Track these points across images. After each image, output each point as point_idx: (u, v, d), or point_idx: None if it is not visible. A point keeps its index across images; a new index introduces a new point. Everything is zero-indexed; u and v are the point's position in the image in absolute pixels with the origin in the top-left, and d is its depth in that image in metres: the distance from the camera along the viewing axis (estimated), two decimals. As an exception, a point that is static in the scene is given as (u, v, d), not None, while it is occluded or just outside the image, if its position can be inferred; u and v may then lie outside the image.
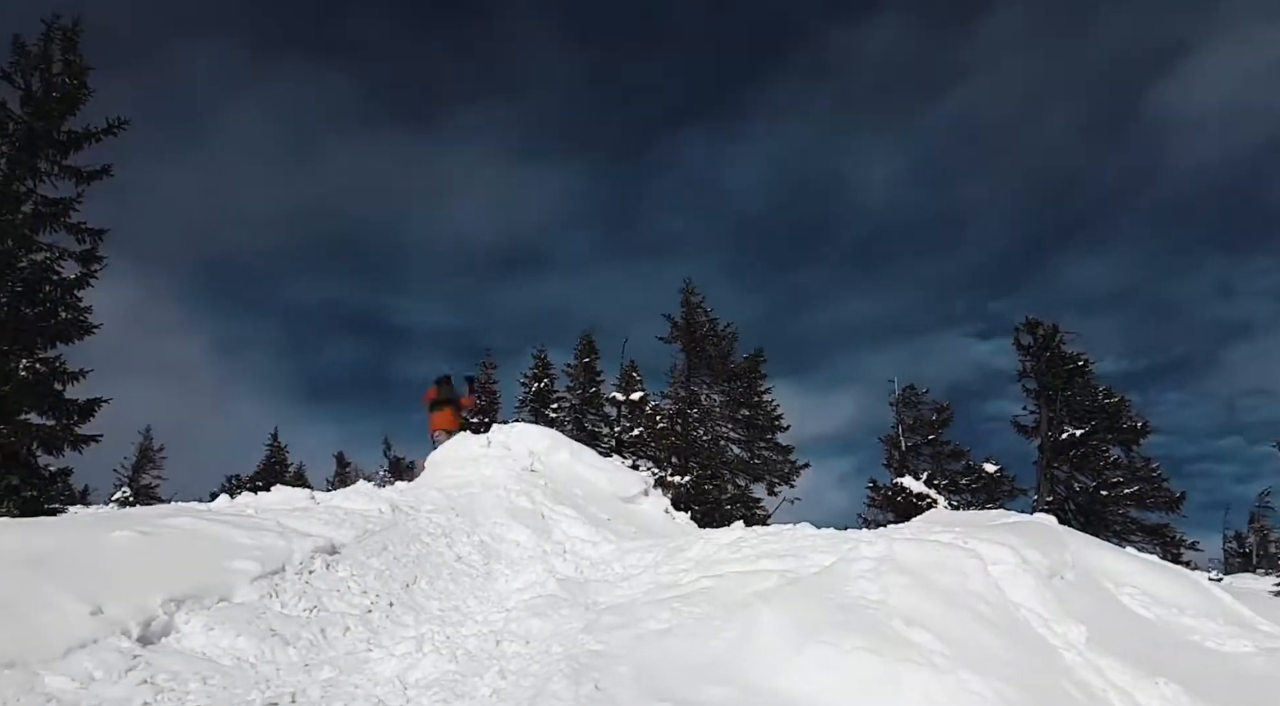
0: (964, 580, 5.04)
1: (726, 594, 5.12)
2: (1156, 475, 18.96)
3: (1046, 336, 21.19)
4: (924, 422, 21.83)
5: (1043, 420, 20.75)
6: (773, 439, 16.05)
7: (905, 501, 17.69)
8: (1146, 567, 9.83)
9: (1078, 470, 19.87)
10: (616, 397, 15.12)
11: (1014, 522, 8.86)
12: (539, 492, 8.84)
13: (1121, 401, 19.92)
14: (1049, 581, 6.28)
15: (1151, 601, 8.30)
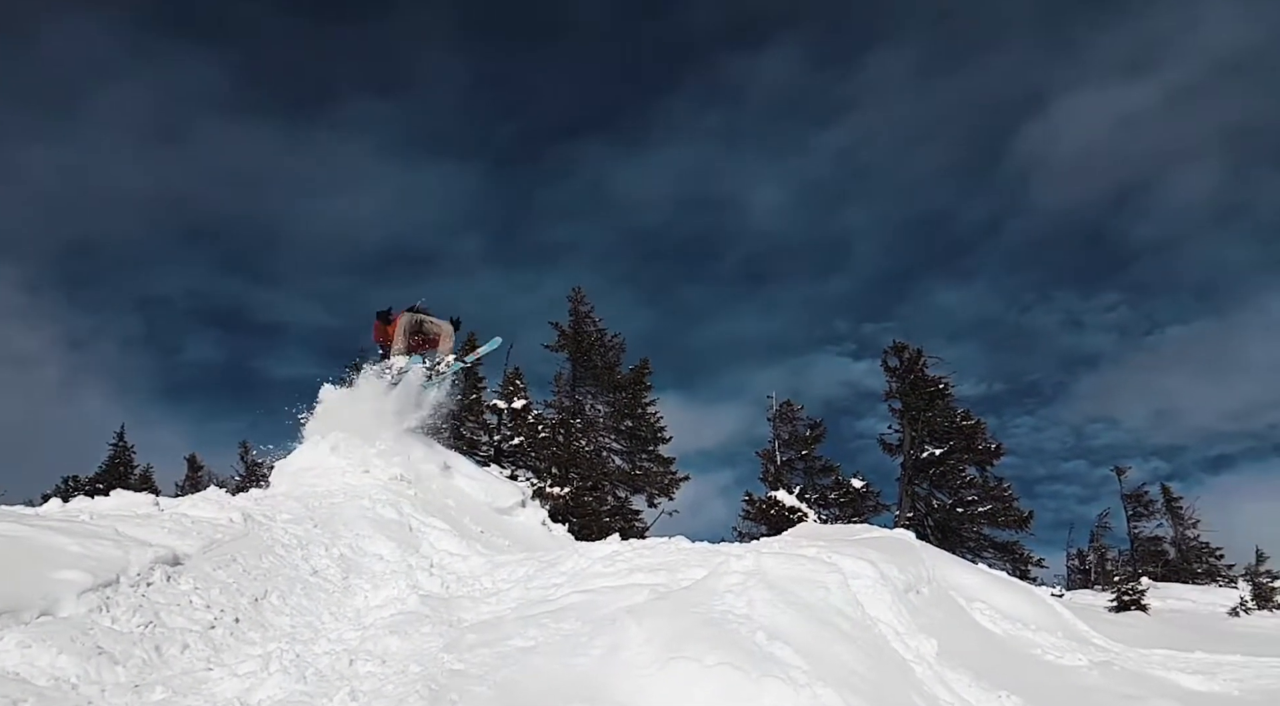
0: (826, 594, 5.18)
1: (597, 609, 5.06)
2: (1008, 494, 20.29)
3: (911, 359, 22.37)
4: (799, 438, 22.54)
5: (906, 439, 21.86)
6: (655, 451, 16.16)
7: (778, 515, 18.18)
8: (996, 583, 10.47)
9: (936, 488, 21.02)
10: (498, 405, 14.84)
11: (876, 538, 9.24)
12: (408, 503, 8.52)
13: (978, 424, 21.23)
14: (905, 596, 6.56)
15: (999, 616, 8.82)
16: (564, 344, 17.91)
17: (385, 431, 10.54)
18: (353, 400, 11.19)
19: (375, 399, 11.12)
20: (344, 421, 10.55)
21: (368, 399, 11.15)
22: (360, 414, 10.73)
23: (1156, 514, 31.88)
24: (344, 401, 11.26)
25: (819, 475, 22.18)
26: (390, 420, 10.85)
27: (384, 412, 10.92)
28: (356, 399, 11.19)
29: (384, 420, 10.78)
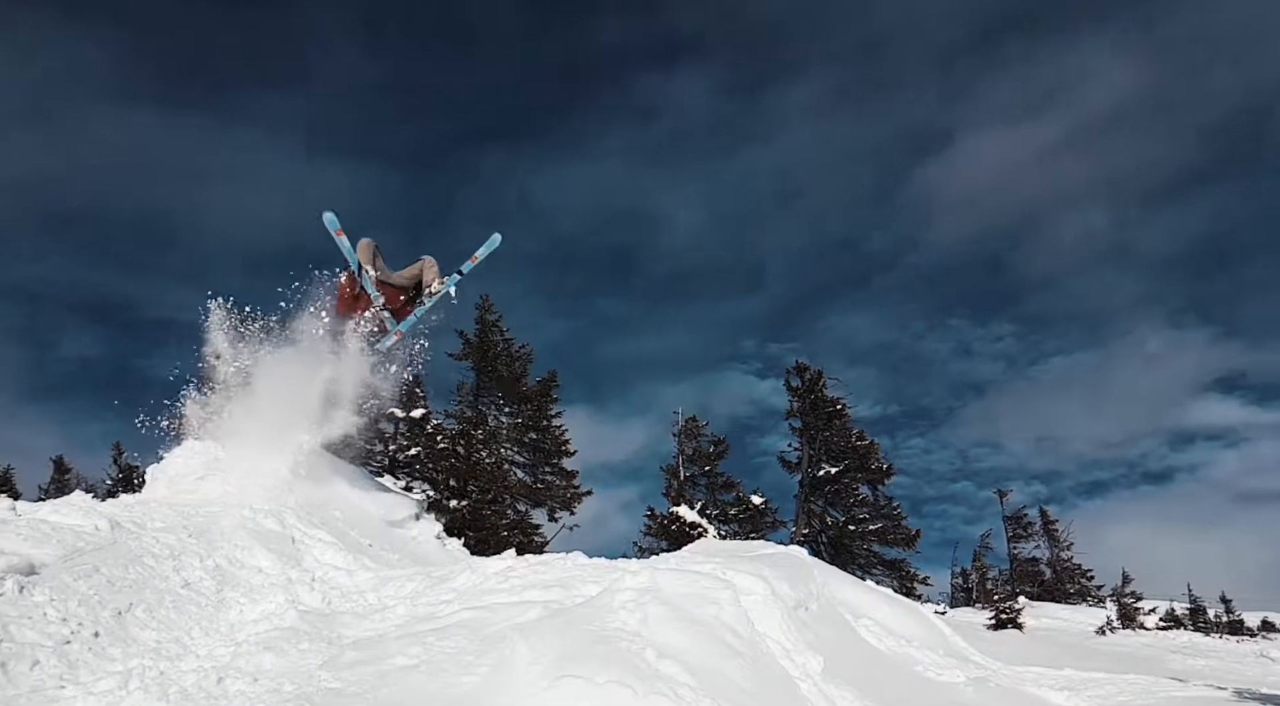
0: (718, 611, 5.24)
1: (486, 626, 4.97)
2: (897, 513, 21.12)
3: (812, 380, 23.08)
4: (703, 454, 22.87)
5: (804, 457, 22.49)
6: (558, 464, 16.04)
7: (679, 530, 18.35)
8: (883, 600, 10.82)
9: (831, 505, 21.68)
10: (395, 413, 14.40)
11: (770, 554, 9.42)
12: (292, 514, 8.14)
13: (871, 444, 22.05)
14: (795, 612, 6.71)
15: (885, 633, 9.12)
16: (468, 353, 17.55)
17: (291, 431, 9.93)
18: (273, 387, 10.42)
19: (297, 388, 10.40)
20: (252, 413, 9.95)
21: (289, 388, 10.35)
22: (271, 408, 10.09)
23: (1035, 535, 33.86)
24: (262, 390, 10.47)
25: (721, 491, 22.54)
26: (306, 415, 10.22)
27: (304, 406, 10.27)
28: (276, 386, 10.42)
29: (299, 414, 10.15)
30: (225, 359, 10.59)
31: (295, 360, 10.38)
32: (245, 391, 10.37)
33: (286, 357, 10.41)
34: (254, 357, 10.51)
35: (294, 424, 10.12)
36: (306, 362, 10.37)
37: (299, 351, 10.42)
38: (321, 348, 10.41)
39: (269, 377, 10.36)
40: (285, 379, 10.30)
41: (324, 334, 10.25)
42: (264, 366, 10.41)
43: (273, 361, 10.43)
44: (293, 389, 10.26)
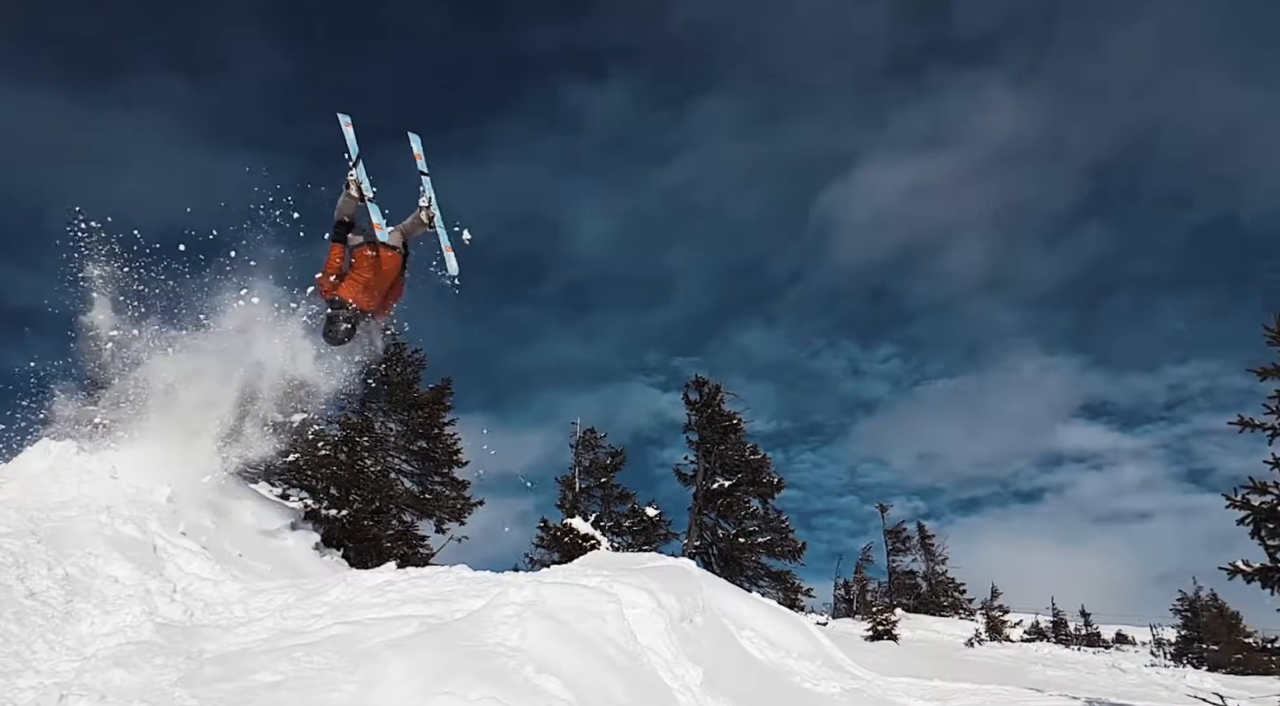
0: (601, 625, 5.27)
1: (359, 642, 4.83)
2: (785, 526, 21.74)
3: (710, 394, 23.52)
4: (599, 465, 22.92)
5: (700, 470, 22.86)
6: (449, 473, 15.71)
7: (572, 542, 18.29)
8: (766, 612, 11.12)
9: (723, 518, 22.10)
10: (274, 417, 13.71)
11: (659, 566, 9.54)
12: (155, 520, 7.69)
13: (764, 458, 22.65)
14: (679, 625, 6.82)
15: (766, 644, 9.37)
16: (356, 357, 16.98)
17: (173, 430, 9.28)
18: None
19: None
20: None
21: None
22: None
23: (913, 549, 35.52)
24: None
25: (616, 503, 22.63)
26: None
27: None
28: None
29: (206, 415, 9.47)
30: (103, 335, 9.73)
31: (196, 349, 9.70)
32: (126, 383, 9.63)
33: (186, 345, 9.72)
34: (142, 342, 9.71)
35: (180, 423, 9.52)
36: (211, 355, 9.70)
37: (203, 340, 9.73)
38: (231, 340, 9.66)
39: (163, 369, 9.66)
40: (182, 372, 9.63)
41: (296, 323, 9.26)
42: (155, 356, 9.69)
43: (165, 348, 9.73)
44: (192, 384, 9.61)
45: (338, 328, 7.29)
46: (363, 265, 7.47)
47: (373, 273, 7.47)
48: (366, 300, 7.44)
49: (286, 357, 9.88)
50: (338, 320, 7.29)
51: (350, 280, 7.41)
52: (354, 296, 7.33)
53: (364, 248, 7.48)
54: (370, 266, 7.46)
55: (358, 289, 7.37)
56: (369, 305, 7.48)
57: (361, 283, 7.42)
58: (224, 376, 9.77)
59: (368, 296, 7.45)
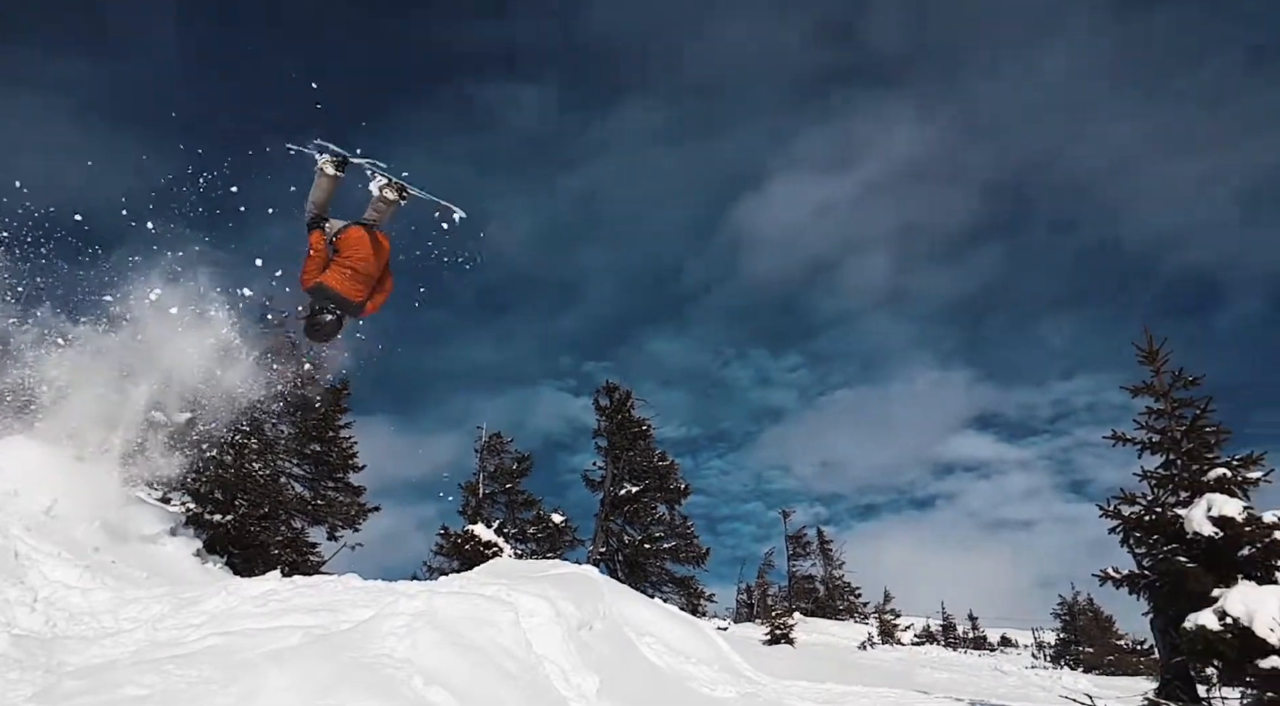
0: (496, 634, 5.20)
1: (236, 653, 4.60)
2: (690, 532, 21.99)
3: (621, 400, 23.60)
4: (505, 471, 22.63)
5: (608, 476, 22.89)
6: (344, 478, 15.19)
7: (473, 550, 17.99)
8: (668, 618, 11.22)
9: (630, 524, 22.19)
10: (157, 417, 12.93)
11: (561, 574, 9.49)
12: (17, 524, 7.17)
13: (672, 465, 22.87)
14: (578, 633, 6.80)
15: (666, 650, 9.46)
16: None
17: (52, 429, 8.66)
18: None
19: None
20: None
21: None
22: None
23: (812, 554, 36.55)
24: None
25: (521, 509, 22.40)
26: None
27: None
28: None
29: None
30: None
31: (88, 343, 9.11)
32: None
33: (78, 338, 9.12)
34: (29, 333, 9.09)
35: (61, 422, 8.94)
36: (103, 351, 9.12)
37: (97, 333, 9.14)
38: (127, 335, 9.09)
39: (53, 364, 9.06)
40: (72, 367, 9.04)
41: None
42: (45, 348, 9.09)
43: (55, 341, 9.11)
44: (80, 380, 9.03)
45: (321, 320, 6.58)
46: (354, 247, 6.67)
47: (369, 253, 6.69)
48: (354, 289, 6.64)
49: (187, 355, 9.43)
50: (321, 312, 6.59)
51: (336, 267, 6.62)
52: (340, 285, 6.57)
53: (353, 228, 6.76)
54: (362, 247, 6.68)
55: (344, 277, 6.59)
56: (356, 295, 6.66)
57: (350, 269, 6.61)
58: (115, 372, 9.26)
59: (355, 285, 6.64)
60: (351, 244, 6.69)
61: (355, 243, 6.70)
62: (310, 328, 6.68)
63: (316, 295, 6.59)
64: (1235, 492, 9.24)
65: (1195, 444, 9.73)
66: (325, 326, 6.60)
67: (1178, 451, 9.82)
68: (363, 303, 6.76)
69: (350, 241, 6.70)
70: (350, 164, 6.86)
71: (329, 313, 6.59)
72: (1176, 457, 9.85)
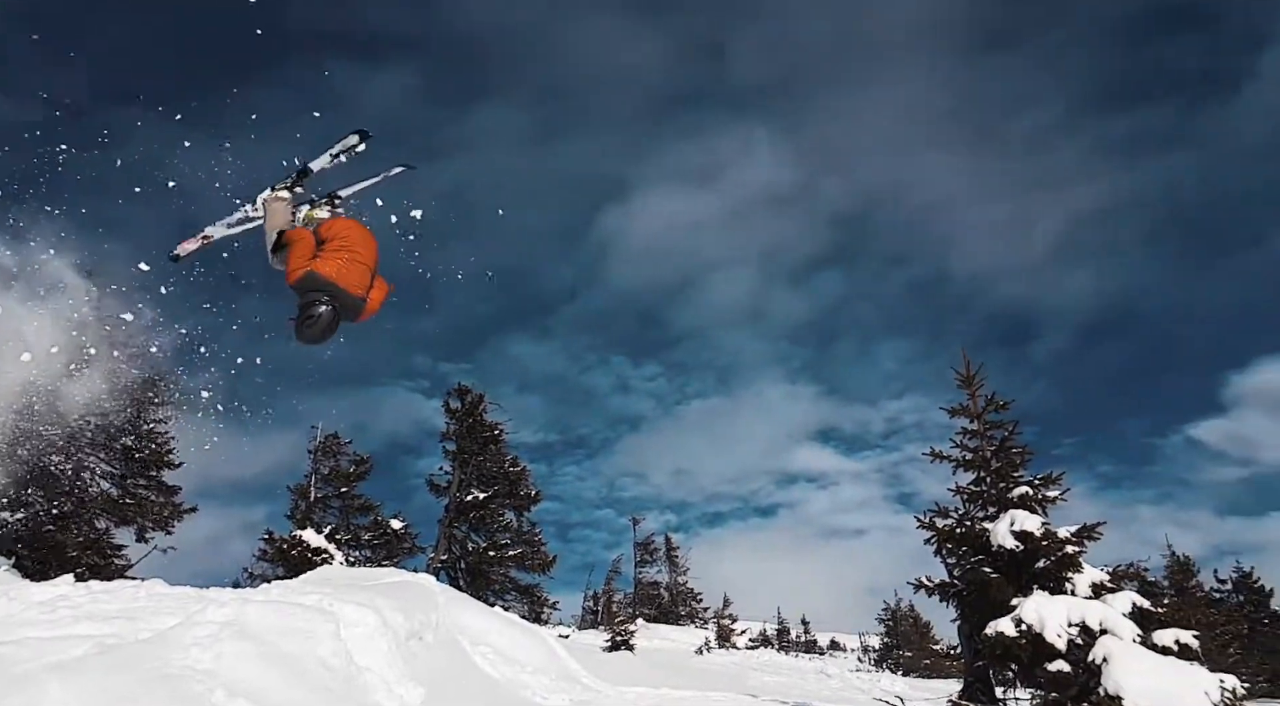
0: (313, 645, 5.01)
1: (14, 665, 4.20)
2: (538, 539, 21.90)
3: (473, 403, 23.18)
4: (340, 474, 21.71)
5: (455, 481, 22.42)
6: (156, 476, 14.07)
7: (300, 556, 17.12)
8: (505, 626, 11.15)
9: (475, 530, 21.83)
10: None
11: (393, 583, 9.24)
12: None
13: (523, 470, 22.70)
14: (406, 643, 6.65)
15: (501, 659, 9.40)
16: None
17: None
18: None
19: None
20: None
21: None
22: None
23: (659, 561, 37.24)
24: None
25: (357, 514, 21.58)
26: None
27: None
28: None
29: None
30: None
31: None
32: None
33: None
34: None
35: None
36: None
37: None
38: None
39: None
40: None
41: None
42: None
43: None
44: None
45: (316, 312, 5.24)
46: (346, 231, 5.61)
47: (366, 236, 5.66)
48: (354, 280, 5.40)
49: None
50: (315, 303, 5.27)
51: (329, 254, 5.43)
52: (337, 273, 5.32)
53: (336, 219, 5.79)
54: (356, 230, 5.66)
55: (341, 262, 5.39)
56: (357, 288, 5.41)
57: (347, 253, 5.45)
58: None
59: (355, 274, 5.42)
60: (341, 228, 5.65)
61: (346, 227, 5.67)
62: (303, 324, 5.29)
63: (305, 290, 5.31)
64: (1035, 509, 10.19)
65: (1003, 463, 10.66)
66: (320, 319, 5.23)
67: (987, 469, 10.72)
68: (363, 298, 5.51)
69: (339, 227, 5.67)
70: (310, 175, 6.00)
71: (325, 303, 5.26)
72: (986, 475, 10.75)
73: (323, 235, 5.61)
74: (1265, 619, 26.05)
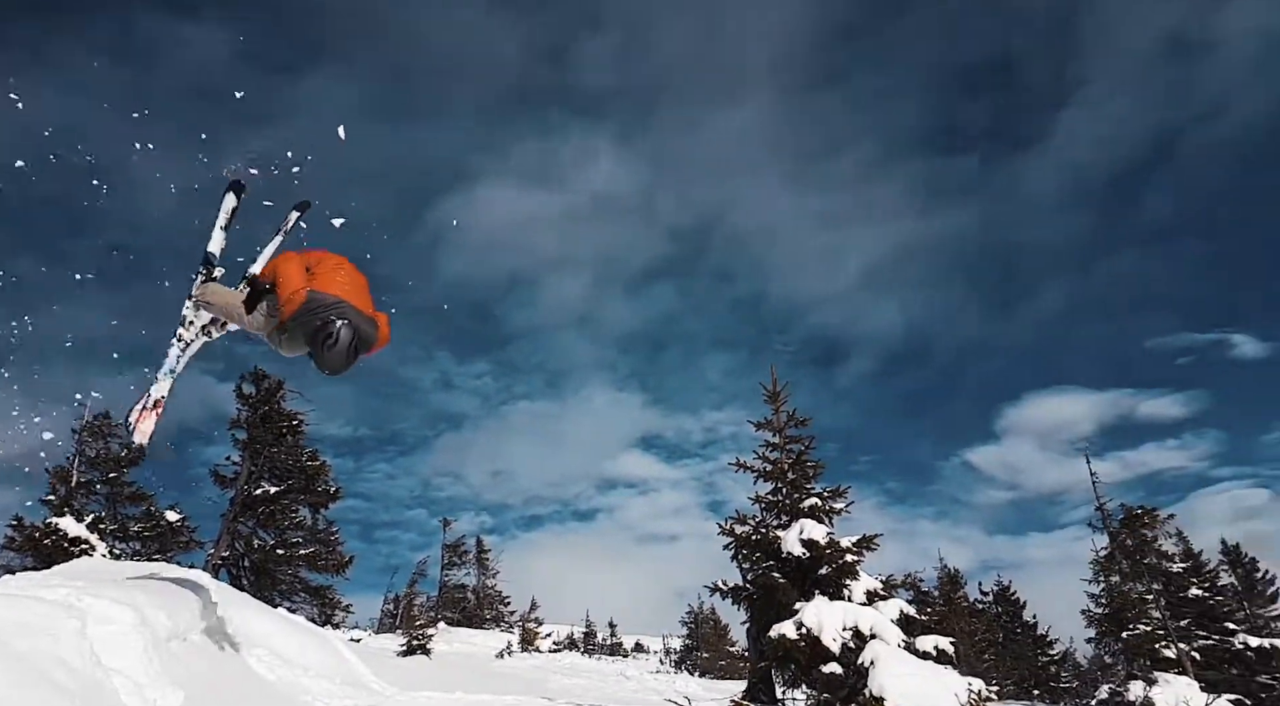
0: (51, 644, 4.57)
1: None
2: (334, 539, 20.92)
3: (270, 390, 21.81)
4: (111, 458, 19.76)
5: (244, 473, 20.99)
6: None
7: (54, 545, 15.45)
8: (288, 628, 10.63)
9: (263, 527, 20.53)
10: None
11: (162, 579, 8.58)
12: None
13: (323, 465, 21.61)
14: (167, 644, 6.20)
15: (279, 662, 8.96)
16: None
17: None
18: None
19: None
20: None
21: None
22: None
23: (468, 563, 36.67)
24: None
25: (128, 503, 19.76)
26: None
27: None
28: None
29: None
30: None
31: None
32: None
33: None
34: None
35: None
36: None
37: None
38: None
39: None
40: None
41: None
42: None
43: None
44: None
45: (334, 329, 4.56)
46: (330, 256, 5.05)
47: (349, 264, 5.06)
48: (362, 297, 4.87)
49: None
50: (329, 322, 4.58)
51: (323, 275, 4.82)
52: (342, 290, 4.76)
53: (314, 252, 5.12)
54: (337, 256, 5.07)
55: (343, 279, 4.84)
56: (367, 306, 4.85)
57: (343, 271, 4.92)
58: None
59: (359, 290, 4.90)
60: (323, 253, 5.09)
61: (325, 253, 5.11)
62: (324, 346, 4.59)
63: (310, 314, 4.61)
64: (823, 519, 11.00)
65: (798, 475, 11.44)
66: (340, 334, 4.56)
67: (784, 480, 11.47)
68: (374, 320, 4.89)
69: (318, 253, 5.10)
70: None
71: (339, 317, 4.60)
72: (783, 486, 11.51)
73: (308, 263, 5.01)
74: (1018, 628, 29.42)
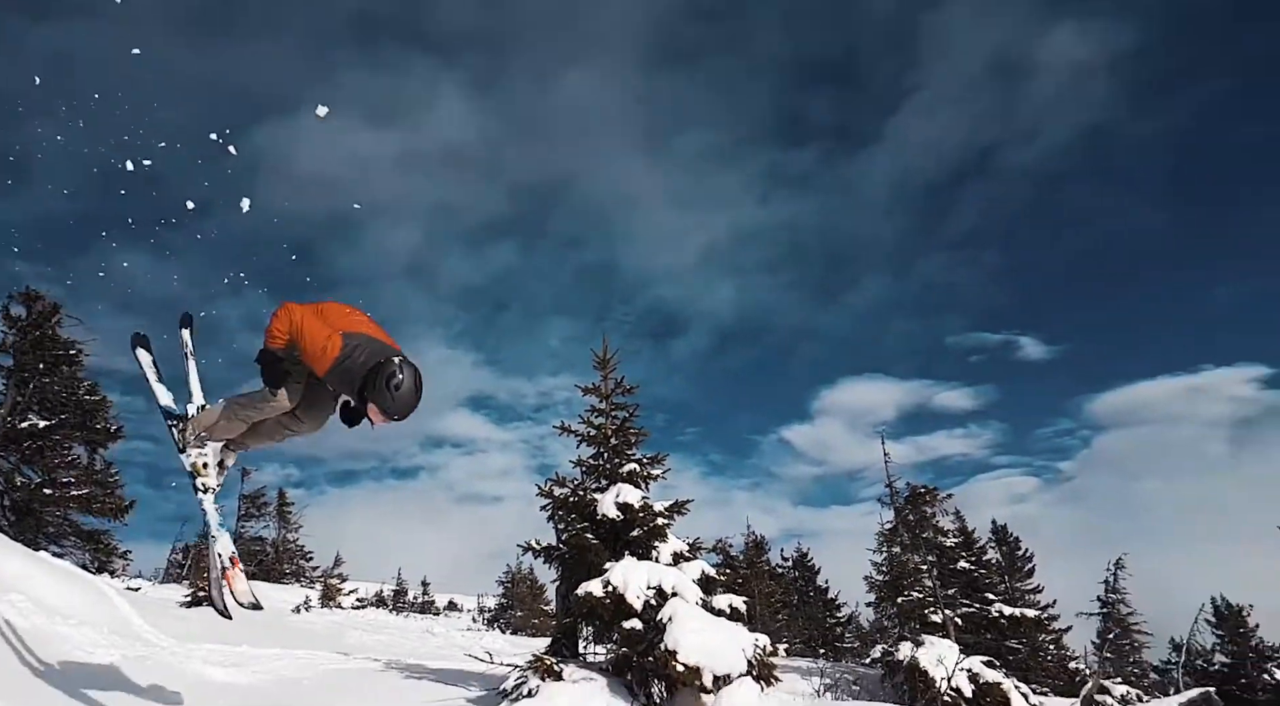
0: None
1: None
2: (114, 481, 19.29)
3: (44, 314, 19.64)
4: None
5: (9, 403, 18.89)
6: None
7: None
8: (49, 573, 9.86)
9: (28, 463, 18.62)
10: None
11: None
12: None
13: (103, 400, 19.80)
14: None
15: (37, 609, 8.33)
16: None
17: None
18: None
19: None
20: None
21: None
22: None
23: (268, 516, 34.95)
24: None
25: None
26: None
27: None
28: None
29: None
30: None
31: None
32: None
33: None
34: None
35: None
36: None
37: None
38: None
39: None
40: None
41: None
42: None
43: None
44: None
45: (394, 368, 4.28)
46: (337, 305, 4.77)
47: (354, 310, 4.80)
48: (381, 335, 4.65)
49: None
50: (389, 361, 4.30)
51: (343, 319, 4.59)
52: (373, 329, 4.65)
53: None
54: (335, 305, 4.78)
55: (367, 321, 4.69)
56: (389, 341, 4.62)
57: (362, 317, 4.72)
58: None
59: (377, 330, 4.67)
60: (318, 303, 4.75)
61: (320, 303, 4.77)
62: (388, 387, 4.28)
63: (347, 361, 4.35)
64: (639, 484, 11.34)
65: (620, 441, 11.70)
66: (403, 371, 4.30)
67: (606, 446, 11.70)
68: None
69: (313, 304, 4.74)
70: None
71: (393, 355, 4.39)
72: (605, 451, 11.73)
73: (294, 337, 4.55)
74: (811, 592, 31.98)
